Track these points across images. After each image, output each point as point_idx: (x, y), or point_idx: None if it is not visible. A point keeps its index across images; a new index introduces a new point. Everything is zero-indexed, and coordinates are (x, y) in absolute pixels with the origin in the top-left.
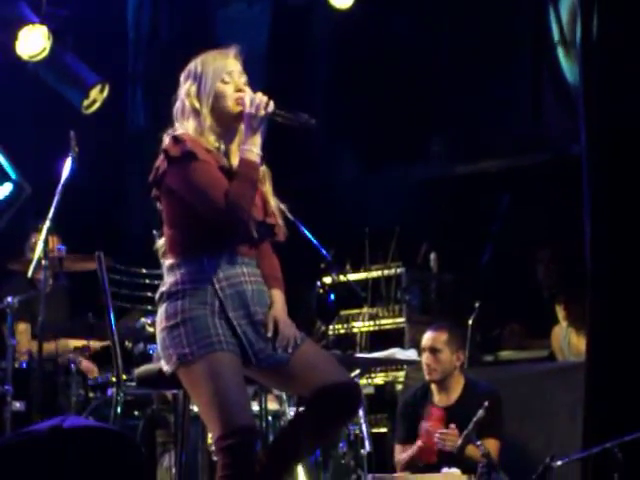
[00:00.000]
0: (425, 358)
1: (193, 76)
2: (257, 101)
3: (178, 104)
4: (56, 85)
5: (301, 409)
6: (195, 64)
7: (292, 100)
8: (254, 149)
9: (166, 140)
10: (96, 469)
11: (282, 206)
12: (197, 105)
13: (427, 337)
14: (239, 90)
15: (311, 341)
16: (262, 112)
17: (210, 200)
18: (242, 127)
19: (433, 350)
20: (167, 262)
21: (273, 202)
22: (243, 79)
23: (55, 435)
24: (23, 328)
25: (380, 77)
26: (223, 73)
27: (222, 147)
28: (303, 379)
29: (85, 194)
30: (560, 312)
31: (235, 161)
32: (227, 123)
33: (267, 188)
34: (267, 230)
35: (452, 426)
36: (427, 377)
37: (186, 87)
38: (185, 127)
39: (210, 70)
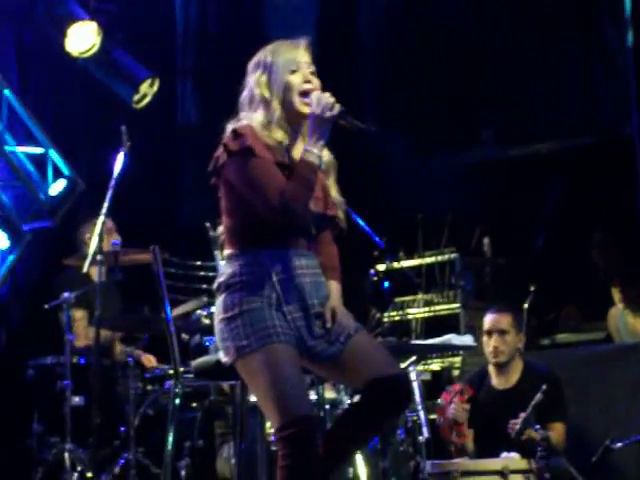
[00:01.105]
0: (493, 341)
1: (263, 66)
2: (324, 102)
3: (246, 93)
4: (106, 81)
5: (355, 399)
6: (265, 54)
7: (341, 87)
8: (315, 151)
9: (228, 130)
10: None
11: (342, 199)
12: (267, 95)
13: (492, 320)
14: (307, 81)
15: (365, 332)
16: (328, 114)
17: (264, 198)
18: (306, 125)
19: (501, 332)
20: (226, 252)
21: (334, 194)
22: (311, 69)
23: None
24: (81, 315)
25: (430, 62)
26: (292, 64)
27: (286, 141)
28: (354, 371)
29: (138, 188)
30: (616, 294)
31: (297, 156)
32: (293, 117)
33: (331, 180)
34: (327, 222)
35: (522, 414)
36: (493, 360)
37: (256, 76)
38: (251, 118)
39: (281, 60)
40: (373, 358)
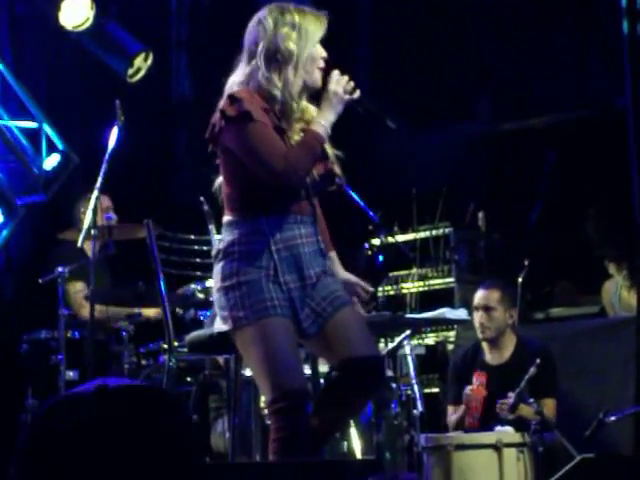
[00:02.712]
0: (478, 317)
1: (291, 24)
2: (344, 83)
3: (266, 45)
4: (100, 54)
5: (332, 375)
6: (289, 13)
7: (334, 59)
8: (327, 125)
9: (226, 92)
10: (142, 429)
11: (338, 153)
12: (295, 51)
13: (480, 296)
14: (323, 58)
15: (352, 308)
16: (347, 96)
17: (266, 162)
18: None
19: (486, 308)
20: (225, 219)
21: (330, 151)
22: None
23: (101, 395)
24: (81, 287)
25: (425, 35)
26: (318, 36)
27: (294, 105)
28: (332, 347)
29: (132, 162)
30: (611, 268)
31: (295, 125)
32: (304, 87)
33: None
34: (326, 180)
35: (510, 394)
36: (480, 336)
37: (284, 31)
38: (264, 74)
39: (311, 28)
40: (351, 337)
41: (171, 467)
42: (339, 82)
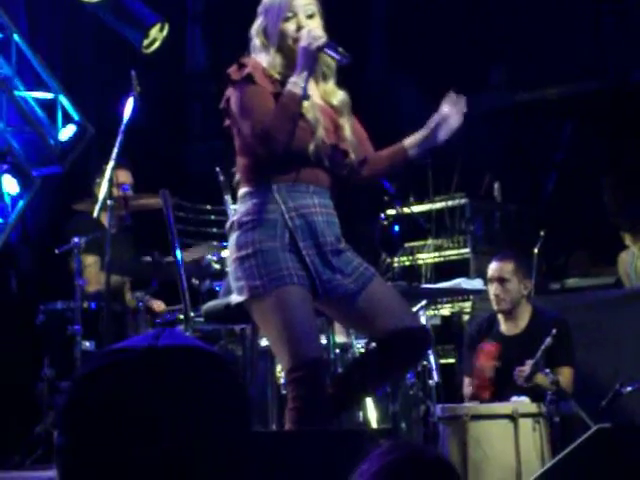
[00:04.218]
0: (493, 289)
1: (263, 13)
2: (311, 35)
3: (252, 41)
4: (116, 25)
5: (372, 346)
6: (265, 0)
7: (349, 32)
8: (300, 82)
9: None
10: (193, 389)
11: (355, 140)
12: (266, 42)
13: (494, 267)
14: (300, 28)
15: (382, 280)
16: (313, 46)
17: (249, 125)
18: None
19: (501, 280)
20: (240, 190)
21: (348, 133)
22: (309, 11)
23: (150, 355)
24: (92, 260)
25: (438, 8)
26: (286, 11)
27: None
28: (372, 318)
29: (148, 133)
30: (626, 238)
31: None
32: (293, 60)
33: (344, 119)
34: (339, 155)
35: (528, 362)
36: (495, 307)
37: (257, 24)
38: (256, 61)
39: (276, 7)
40: (394, 307)
41: (229, 433)
42: (308, 37)
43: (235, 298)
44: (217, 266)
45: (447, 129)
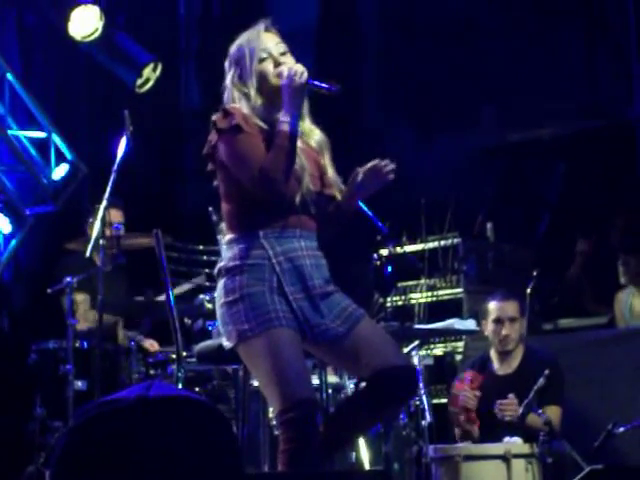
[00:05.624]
0: (505, 329)
1: (235, 62)
2: (292, 71)
3: (227, 93)
4: (109, 65)
5: (361, 386)
6: (233, 50)
7: (343, 71)
8: (291, 120)
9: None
10: (184, 438)
11: (338, 179)
12: (244, 90)
13: (501, 307)
14: (278, 64)
15: (369, 319)
16: (297, 82)
17: (247, 171)
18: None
19: (511, 319)
20: (226, 237)
21: (331, 173)
22: (281, 49)
23: (141, 405)
24: (82, 298)
25: (431, 46)
26: (259, 51)
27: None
28: (361, 358)
29: (141, 173)
30: (624, 275)
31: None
32: (275, 99)
33: (325, 159)
34: (325, 201)
35: (511, 396)
36: (504, 348)
37: (230, 75)
38: (236, 109)
39: (247, 52)
40: (381, 347)
41: (221, 478)
42: (289, 74)
43: (225, 344)
44: (210, 305)
45: (370, 188)
